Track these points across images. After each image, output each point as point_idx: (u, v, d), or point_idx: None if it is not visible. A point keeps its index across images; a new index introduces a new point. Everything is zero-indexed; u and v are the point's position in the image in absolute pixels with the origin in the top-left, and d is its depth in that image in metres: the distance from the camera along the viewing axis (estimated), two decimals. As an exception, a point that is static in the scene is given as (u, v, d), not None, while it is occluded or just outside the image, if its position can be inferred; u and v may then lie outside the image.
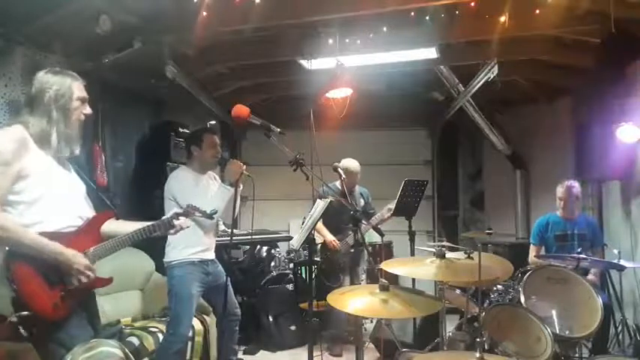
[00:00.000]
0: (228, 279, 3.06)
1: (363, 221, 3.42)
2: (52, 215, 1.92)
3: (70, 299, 1.91)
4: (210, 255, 3.19)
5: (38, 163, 1.91)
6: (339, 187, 4.13)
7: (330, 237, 4.37)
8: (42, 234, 1.86)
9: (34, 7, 3.08)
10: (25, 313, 1.79)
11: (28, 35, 3.36)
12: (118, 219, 2.18)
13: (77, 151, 2.04)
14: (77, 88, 2.04)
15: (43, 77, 2.01)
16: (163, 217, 2.20)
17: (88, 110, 2.07)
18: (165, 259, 3.11)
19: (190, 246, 3.05)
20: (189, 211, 2.25)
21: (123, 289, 3.75)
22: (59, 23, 3.28)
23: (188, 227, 2.27)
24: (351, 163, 4.39)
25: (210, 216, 2.40)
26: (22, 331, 1.81)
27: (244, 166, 2.95)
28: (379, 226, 4.06)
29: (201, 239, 3.08)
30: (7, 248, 1.82)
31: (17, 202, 1.86)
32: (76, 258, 1.89)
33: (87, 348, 1.70)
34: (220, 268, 3.27)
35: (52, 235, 1.87)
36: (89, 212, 2.10)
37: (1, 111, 3.28)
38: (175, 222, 2.16)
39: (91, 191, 2.24)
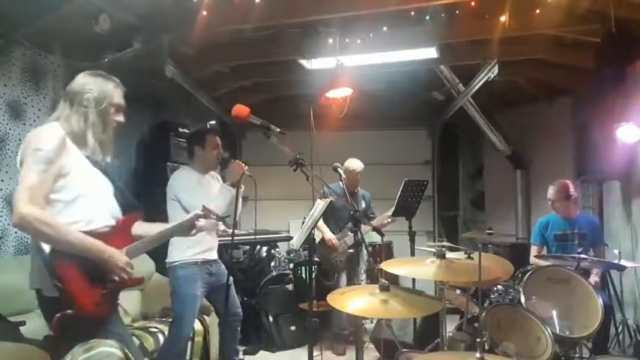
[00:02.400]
0: (231, 279, 3.05)
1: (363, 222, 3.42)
2: (90, 214, 1.93)
3: (109, 297, 1.94)
4: (213, 255, 3.19)
5: (76, 161, 1.92)
6: (341, 187, 4.13)
7: (329, 235, 4.39)
8: (80, 233, 1.86)
9: (34, 7, 3.08)
10: (69, 311, 1.77)
11: (27, 35, 3.36)
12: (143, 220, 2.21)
13: (109, 159, 2.05)
14: (117, 95, 2.04)
15: (86, 78, 2.01)
16: (184, 219, 2.24)
17: (121, 118, 2.07)
18: (168, 260, 3.10)
19: (193, 246, 3.04)
20: (207, 214, 2.28)
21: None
22: (59, 23, 3.28)
23: (207, 229, 2.27)
24: (350, 163, 4.40)
25: (222, 218, 2.41)
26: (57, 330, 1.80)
27: (246, 167, 2.95)
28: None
29: (203, 239, 3.07)
30: (48, 247, 1.80)
31: (56, 200, 1.86)
32: (119, 255, 1.91)
33: (87, 348, 1.69)
34: (223, 267, 3.26)
35: (89, 235, 1.87)
36: (119, 212, 2.11)
37: (1, 111, 3.28)
38: (197, 223, 2.22)
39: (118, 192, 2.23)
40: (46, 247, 1.81)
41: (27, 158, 1.80)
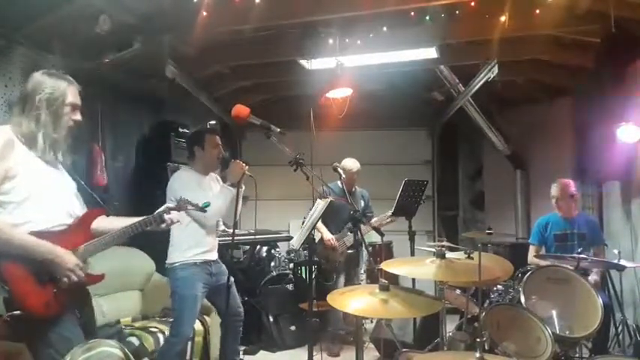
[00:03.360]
0: (232, 279, 3.06)
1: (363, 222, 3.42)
2: (41, 214, 1.92)
3: (62, 297, 1.90)
4: (213, 255, 3.19)
5: (26, 163, 1.91)
6: (340, 187, 4.13)
7: (328, 235, 4.37)
8: (32, 233, 1.86)
9: (34, 7, 3.08)
10: (17, 312, 1.79)
11: (27, 35, 3.35)
12: (109, 216, 2.16)
13: (61, 157, 2.03)
14: (71, 94, 2.02)
15: (39, 78, 2.00)
16: (155, 212, 2.16)
17: (77, 117, 2.05)
18: (168, 261, 3.09)
19: (193, 247, 3.04)
20: (181, 205, 2.24)
21: (123, 289, 3.75)
22: (59, 23, 3.28)
23: (179, 222, 2.26)
24: (348, 162, 4.39)
25: (202, 209, 2.37)
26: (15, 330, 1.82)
27: (246, 167, 2.95)
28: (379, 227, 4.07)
29: (203, 240, 3.08)
30: None
31: (6, 202, 1.86)
32: (66, 256, 1.89)
33: (86, 348, 1.69)
34: (224, 268, 3.26)
35: (42, 234, 1.87)
36: (80, 210, 2.09)
37: (1, 111, 3.28)
38: (166, 216, 2.13)
39: (82, 190, 2.23)
40: None
41: None
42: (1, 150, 1.84)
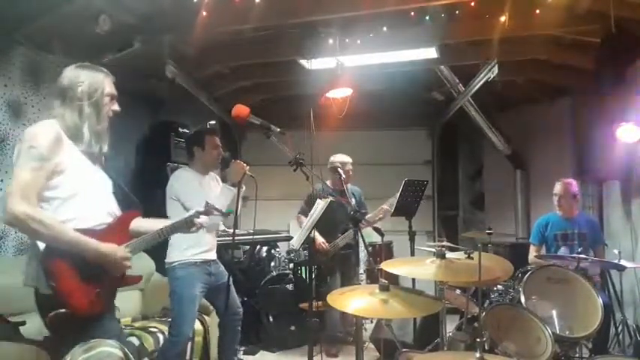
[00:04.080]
0: (231, 279, 3.06)
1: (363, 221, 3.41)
2: (86, 212, 1.90)
3: (104, 296, 1.91)
4: (212, 255, 3.19)
5: (72, 158, 1.90)
6: (331, 187, 4.11)
7: (319, 239, 4.22)
8: (76, 230, 1.84)
9: (34, 7, 3.08)
10: (62, 310, 1.75)
11: (28, 35, 3.36)
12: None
13: (106, 148, 2.02)
14: (108, 84, 2.03)
15: (75, 71, 1.98)
16: (185, 216, 2.23)
17: (116, 107, 2.05)
18: (167, 260, 3.09)
19: (192, 246, 3.04)
20: (209, 210, 2.29)
21: (123, 289, 3.73)
22: (59, 23, 3.29)
23: (207, 226, 2.35)
24: (344, 157, 4.34)
25: (225, 214, 2.49)
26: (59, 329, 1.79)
27: (247, 167, 2.95)
28: (379, 226, 4.06)
29: (203, 239, 3.08)
30: (42, 245, 1.79)
31: (52, 197, 1.83)
32: (117, 251, 1.89)
33: (87, 348, 1.69)
34: (222, 268, 3.26)
35: (85, 232, 1.86)
36: (117, 209, 2.09)
37: (1, 111, 3.28)
38: (197, 220, 2.22)
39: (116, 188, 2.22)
40: (41, 245, 1.79)
41: (21, 155, 1.79)
42: (51, 144, 1.81)
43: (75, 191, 1.88)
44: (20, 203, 1.70)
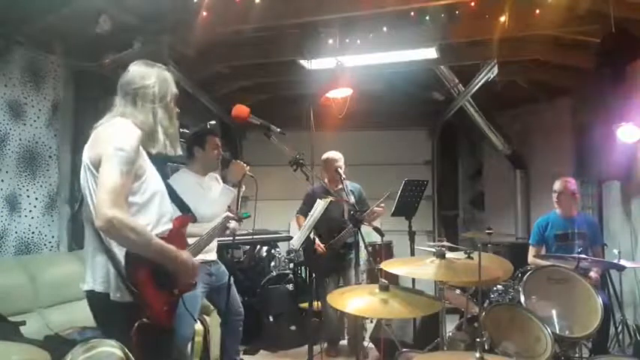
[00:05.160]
0: (231, 279, 3.06)
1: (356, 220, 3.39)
2: (159, 217, 1.84)
3: (175, 305, 1.87)
4: (213, 256, 3.18)
5: (146, 162, 1.83)
6: (324, 186, 4.07)
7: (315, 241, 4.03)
8: None
9: (34, 7, 3.08)
10: (145, 320, 1.69)
11: (28, 35, 3.36)
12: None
13: (180, 151, 1.96)
14: (173, 85, 1.98)
15: (144, 70, 1.91)
16: (217, 221, 2.29)
17: (176, 108, 1.99)
18: None
19: None
20: (235, 216, 2.37)
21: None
22: (59, 23, 3.29)
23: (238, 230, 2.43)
24: (331, 153, 4.11)
25: (241, 219, 2.59)
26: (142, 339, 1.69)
27: (247, 167, 2.95)
28: (379, 226, 4.05)
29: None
30: (120, 249, 1.72)
31: (132, 203, 1.75)
32: (190, 259, 1.85)
33: (87, 348, 1.69)
34: (223, 268, 3.26)
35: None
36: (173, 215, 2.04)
37: (1, 111, 3.28)
38: (229, 225, 2.32)
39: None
40: (118, 250, 1.72)
41: (109, 158, 1.68)
42: (137, 146, 1.73)
43: (151, 196, 1.82)
44: (112, 209, 1.61)
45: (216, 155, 3.19)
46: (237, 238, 3.26)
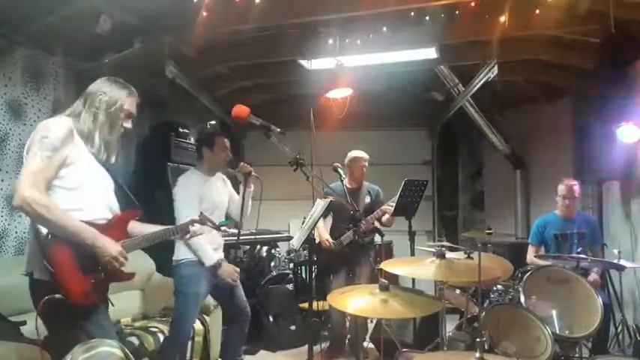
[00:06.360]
0: (239, 279, 3.14)
1: (362, 220, 3.40)
2: (88, 204, 2.00)
3: (99, 289, 1.97)
4: (219, 254, 3.21)
5: (81, 154, 2.01)
6: (342, 186, 4.10)
7: (324, 235, 4.22)
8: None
9: (34, 7, 3.08)
10: (57, 295, 1.82)
11: (28, 35, 3.36)
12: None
13: (113, 159, 2.14)
14: (129, 103, 2.16)
15: (103, 83, 2.14)
16: (180, 223, 2.40)
17: (129, 125, 2.18)
18: (174, 258, 3.13)
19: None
20: (202, 220, 2.43)
21: (123, 289, 3.72)
22: (59, 23, 3.29)
23: (202, 234, 2.48)
24: (355, 152, 4.30)
25: (218, 227, 2.60)
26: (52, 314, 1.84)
27: (251, 168, 3.07)
28: (379, 226, 4.06)
29: (209, 238, 3.09)
30: (45, 231, 1.87)
31: (58, 186, 1.93)
32: (113, 245, 1.97)
33: (87, 348, 1.69)
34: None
35: (86, 224, 1.94)
36: (117, 208, 2.18)
37: (1, 111, 3.28)
38: (191, 228, 2.37)
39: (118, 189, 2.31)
40: (44, 231, 1.87)
41: (34, 145, 1.89)
42: (64, 137, 1.93)
43: (79, 184, 1.98)
44: (29, 189, 1.81)
45: (224, 157, 3.23)
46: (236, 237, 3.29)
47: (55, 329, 1.91)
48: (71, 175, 1.96)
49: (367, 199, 4.30)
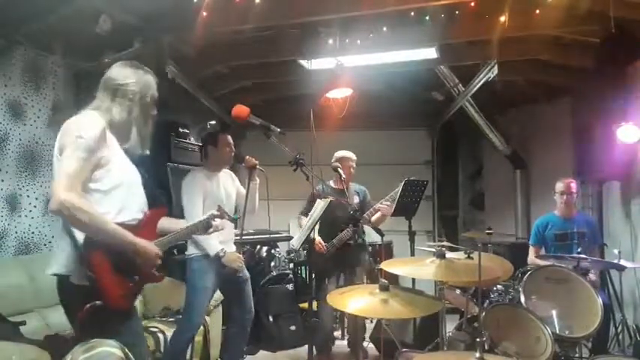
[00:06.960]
0: (247, 274, 3.24)
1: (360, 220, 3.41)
2: (124, 206, 1.91)
3: (134, 291, 1.93)
4: (230, 247, 3.25)
5: (114, 152, 1.91)
6: (334, 186, 4.09)
7: (316, 239, 3.98)
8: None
9: (34, 7, 3.08)
10: (99, 302, 1.75)
11: (28, 35, 3.36)
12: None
13: (148, 151, 2.05)
14: (155, 88, 2.04)
15: (126, 70, 1.99)
16: (202, 218, 2.28)
17: (155, 112, 2.07)
18: (187, 252, 3.21)
19: (209, 239, 3.08)
20: (222, 215, 2.36)
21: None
22: (59, 23, 3.29)
23: (224, 229, 2.44)
24: (342, 152, 4.21)
25: (233, 219, 2.61)
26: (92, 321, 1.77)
27: (256, 162, 3.13)
28: (379, 226, 4.04)
29: (218, 233, 3.11)
30: (82, 234, 1.78)
31: (94, 190, 1.84)
32: (152, 247, 1.91)
33: (87, 348, 1.69)
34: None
35: (120, 226, 1.86)
36: (147, 206, 2.09)
37: (1, 111, 3.28)
38: (213, 222, 2.27)
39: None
40: (79, 234, 1.79)
41: (68, 145, 1.78)
42: (99, 137, 1.82)
43: (115, 185, 1.89)
44: (66, 192, 1.70)
45: (228, 152, 3.31)
46: (237, 237, 3.31)
47: (91, 336, 1.77)
48: (107, 177, 1.86)
49: (356, 200, 4.25)
